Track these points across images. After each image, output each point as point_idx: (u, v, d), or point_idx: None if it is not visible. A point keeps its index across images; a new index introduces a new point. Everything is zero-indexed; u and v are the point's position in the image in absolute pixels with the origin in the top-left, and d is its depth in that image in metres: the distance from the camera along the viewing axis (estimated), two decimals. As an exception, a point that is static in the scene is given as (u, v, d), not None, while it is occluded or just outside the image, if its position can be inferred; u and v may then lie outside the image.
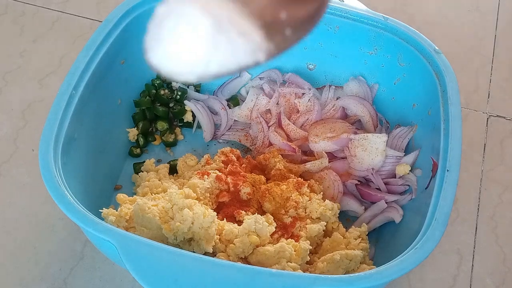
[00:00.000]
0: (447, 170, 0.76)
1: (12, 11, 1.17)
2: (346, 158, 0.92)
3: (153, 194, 0.82)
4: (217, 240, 0.76)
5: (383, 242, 0.88)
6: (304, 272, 0.74)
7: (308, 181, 0.87)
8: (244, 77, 1.03)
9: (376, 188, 0.91)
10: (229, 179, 0.84)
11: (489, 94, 1.10)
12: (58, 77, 1.08)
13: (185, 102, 0.99)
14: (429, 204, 0.75)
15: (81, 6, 1.19)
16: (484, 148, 1.03)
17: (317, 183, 0.89)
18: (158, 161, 0.96)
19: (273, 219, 0.81)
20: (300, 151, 0.94)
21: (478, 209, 0.96)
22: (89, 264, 0.88)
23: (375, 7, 0.99)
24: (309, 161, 0.92)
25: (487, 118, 1.07)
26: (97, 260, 0.88)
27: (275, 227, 0.80)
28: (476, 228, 0.94)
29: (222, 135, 0.99)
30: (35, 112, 1.03)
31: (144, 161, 0.93)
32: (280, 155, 0.91)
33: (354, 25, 0.94)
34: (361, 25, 0.93)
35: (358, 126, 0.97)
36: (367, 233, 0.84)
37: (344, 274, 0.76)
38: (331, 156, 0.94)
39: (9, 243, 0.89)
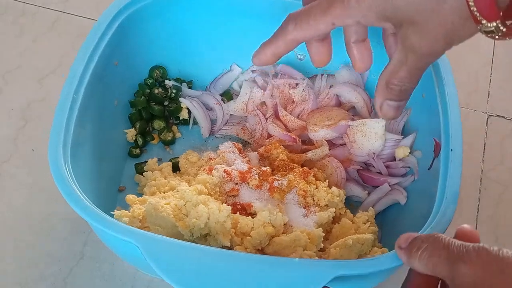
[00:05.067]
0: (451, 150, 0.78)
1: (12, 11, 1.16)
2: (345, 144, 0.94)
3: (161, 193, 0.82)
4: (233, 234, 0.76)
5: (388, 225, 0.89)
6: (319, 259, 0.76)
7: (312, 170, 0.88)
8: (235, 71, 1.03)
9: (377, 172, 0.92)
10: (236, 173, 0.84)
11: (489, 94, 1.11)
12: (58, 77, 1.07)
13: (181, 99, 0.99)
14: (435, 185, 0.76)
15: (81, 6, 1.18)
16: (484, 148, 1.03)
17: (320, 171, 0.90)
18: (159, 160, 0.95)
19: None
20: (300, 140, 0.94)
21: (478, 209, 0.97)
22: (89, 264, 0.88)
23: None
24: (310, 150, 0.93)
25: (487, 118, 1.07)
26: (97, 260, 0.88)
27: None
28: (476, 228, 0.95)
29: (219, 130, 0.99)
30: (35, 112, 1.03)
31: (145, 161, 0.93)
32: (281, 146, 0.91)
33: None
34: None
35: (353, 112, 0.98)
36: (374, 216, 0.85)
37: (357, 258, 0.78)
38: (330, 144, 0.95)
39: (9, 243, 0.89)
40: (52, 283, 0.86)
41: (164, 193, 0.82)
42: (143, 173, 0.90)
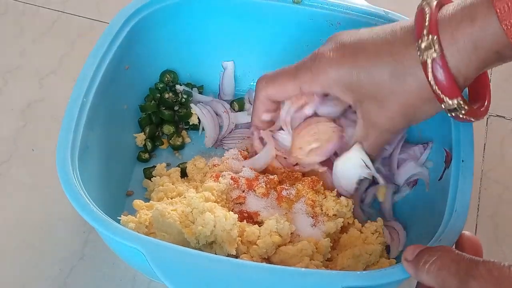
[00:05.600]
0: (462, 161, 0.78)
1: (12, 11, 1.17)
2: None
3: (168, 198, 0.82)
4: (239, 242, 0.76)
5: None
6: (325, 269, 0.76)
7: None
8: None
9: None
10: (243, 180, 0.84)
11: (489, 93, 1.10)
12: (58, 77, 1.08)
13: (192, 105, 0.98)
14: (445, 196, 0.76)
15: (81, 6, 1.19)
16: (484, 148, 1.03)
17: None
18: (168, 165, 0.95)
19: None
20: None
21: (478, 209, 0.97)
22: (89, 264, 0.88)
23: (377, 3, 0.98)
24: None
25: (487, 118, 1.07)
26: (97, 260, 0.88)
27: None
28: (476, 228, 0.95)
29: (224, 137, 0.99)
30: (35, 112, 1.03)
31: (153, 166, 0.93)
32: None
33: (355, 21, 0.93)
34: (363, 19, 0.93)
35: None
36: (383, 227, 0.84)
37: (365, 268, 0.78)
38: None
39: (9, 243, 0.89)
40: (52, 283, 0.86)
41: (171, 198, 0.82)
42: (151, 178, 0.90)
